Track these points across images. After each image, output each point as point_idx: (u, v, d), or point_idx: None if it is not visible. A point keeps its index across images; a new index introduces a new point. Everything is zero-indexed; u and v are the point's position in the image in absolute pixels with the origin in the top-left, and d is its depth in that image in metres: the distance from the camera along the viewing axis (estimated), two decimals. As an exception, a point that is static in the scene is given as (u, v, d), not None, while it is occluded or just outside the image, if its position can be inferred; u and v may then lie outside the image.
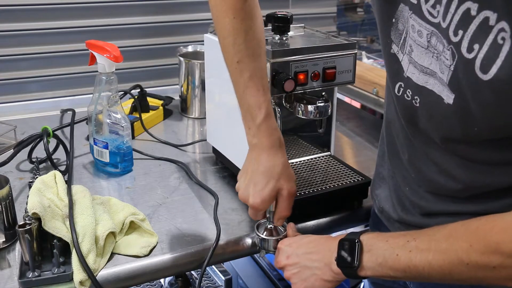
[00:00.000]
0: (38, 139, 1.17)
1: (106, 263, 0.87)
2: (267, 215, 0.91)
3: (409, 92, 0.72)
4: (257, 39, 0.85)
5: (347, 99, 1.67)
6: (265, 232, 0.92)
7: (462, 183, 0.71)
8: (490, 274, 0.61)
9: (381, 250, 0.72)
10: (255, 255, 1.33)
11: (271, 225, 0.92)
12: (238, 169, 0.91)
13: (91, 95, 1.17)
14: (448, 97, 0.65)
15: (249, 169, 0.88)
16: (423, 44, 0.68)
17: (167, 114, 1.54)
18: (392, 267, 0.70)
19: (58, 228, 0.86)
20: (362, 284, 1.53)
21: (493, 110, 0.60)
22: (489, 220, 0.62)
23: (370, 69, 1.58)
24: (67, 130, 1.33)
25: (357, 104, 1.70)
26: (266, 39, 1.01)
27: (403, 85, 0.74)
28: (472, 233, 0.63)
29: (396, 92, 0.75)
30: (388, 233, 0.75)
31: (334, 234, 0.88)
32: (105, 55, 1.11)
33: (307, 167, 1.12)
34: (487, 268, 0.61)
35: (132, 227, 0.95)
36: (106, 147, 1.15)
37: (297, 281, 0.83)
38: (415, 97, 0.71)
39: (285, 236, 0.91)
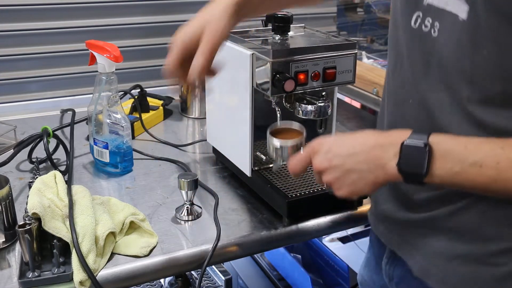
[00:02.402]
0: (38, 139, 1.17)
1: (106, 263, 0.87)
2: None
3: (428, 20, 0.72)
4: None
5: (347, 99, 1.67)
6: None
7: None
8: None
9: (459, 156, 0.65)
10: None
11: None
12: (238, 169, 0.91)
13: (91, 95, 1.17)
14: (463, 11, 0.65)
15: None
16: None
17: (167, 114, 1.54)
18: (472, 180, 0.64)
19: (58, 228, 0.86)
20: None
21: (505, 26, 0.61)
22: None
23: (370, 69, 1.58)
24: (67, 130, 1.33)
25: (357, 104, 1.70)
26: (266, 39, 1.01)
27: (421, 15, 0.73)
28: None
29: (412, 24, 0.75)
30: (465, 138, 0.67)
31: (334, 233, 0.87)
32: (105, 55, 1.11)
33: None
34: None
35: (132, 227, 0.95)
36: (106, 147, 1.15)
37: (341, 185, 0.75)
38: (435, 24, 0.71)
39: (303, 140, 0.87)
